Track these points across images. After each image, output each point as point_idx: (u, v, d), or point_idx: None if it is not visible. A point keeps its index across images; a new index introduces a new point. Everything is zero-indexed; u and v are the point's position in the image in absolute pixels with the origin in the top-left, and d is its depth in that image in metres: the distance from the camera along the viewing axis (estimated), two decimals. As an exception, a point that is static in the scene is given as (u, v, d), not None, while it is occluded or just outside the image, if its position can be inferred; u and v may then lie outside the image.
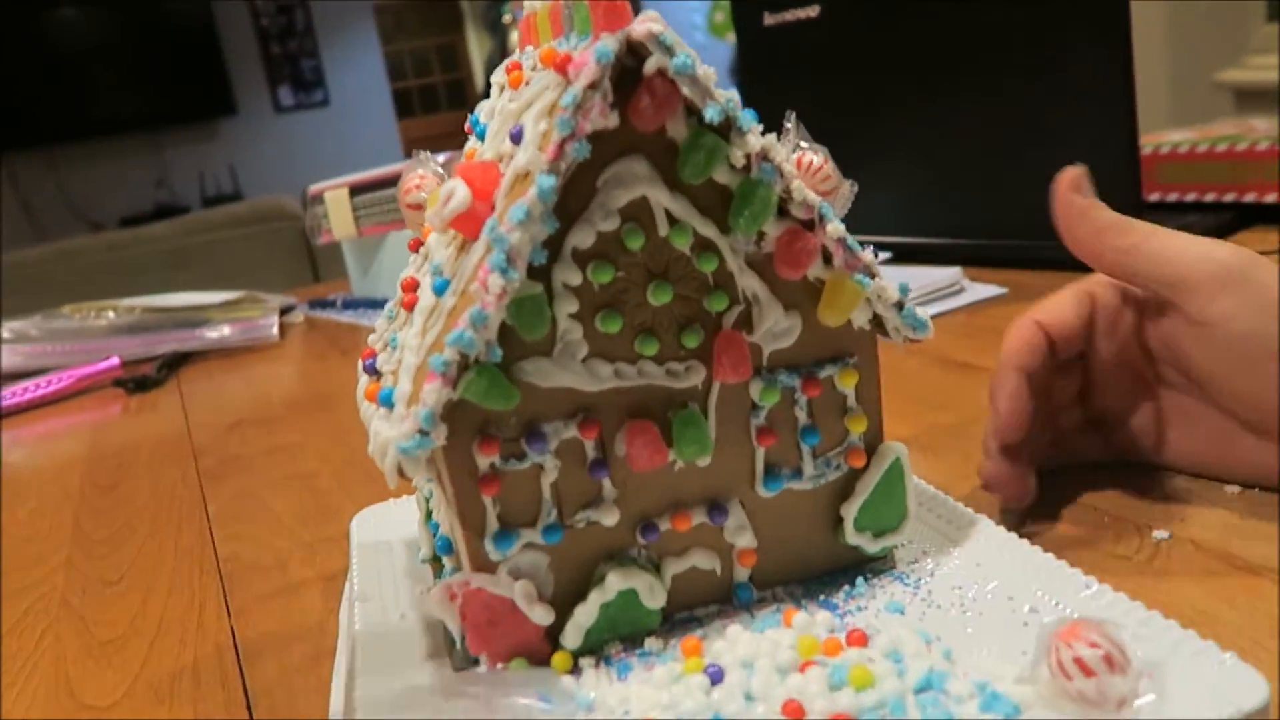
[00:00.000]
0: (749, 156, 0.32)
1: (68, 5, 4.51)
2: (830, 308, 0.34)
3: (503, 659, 0.33)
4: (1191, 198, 0.86)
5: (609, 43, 0.30)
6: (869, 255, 0.34)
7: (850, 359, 0.35)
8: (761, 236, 0.34)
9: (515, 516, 0.33)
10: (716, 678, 0.30)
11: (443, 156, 0.61)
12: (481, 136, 0.38)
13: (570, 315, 0.32)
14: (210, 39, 4.84)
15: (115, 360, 1.05)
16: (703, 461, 0.34)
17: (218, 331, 1.08)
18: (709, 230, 0.33)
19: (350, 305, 1.16)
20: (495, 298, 0.31)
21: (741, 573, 0.36)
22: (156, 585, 0.52)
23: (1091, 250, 0.40)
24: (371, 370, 0.39)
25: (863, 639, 0.31)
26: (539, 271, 0.32)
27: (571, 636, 0.33)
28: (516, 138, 0.33)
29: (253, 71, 5.02)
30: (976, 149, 0.85)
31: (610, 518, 0.34)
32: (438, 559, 0.40)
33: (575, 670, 0.33)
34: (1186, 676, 0.27)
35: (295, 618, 0.45)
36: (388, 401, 0.34)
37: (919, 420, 0.55)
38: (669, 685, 0.31)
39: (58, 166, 4.61)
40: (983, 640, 0.31)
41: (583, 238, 0.32)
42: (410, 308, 0.37)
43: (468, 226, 0.33)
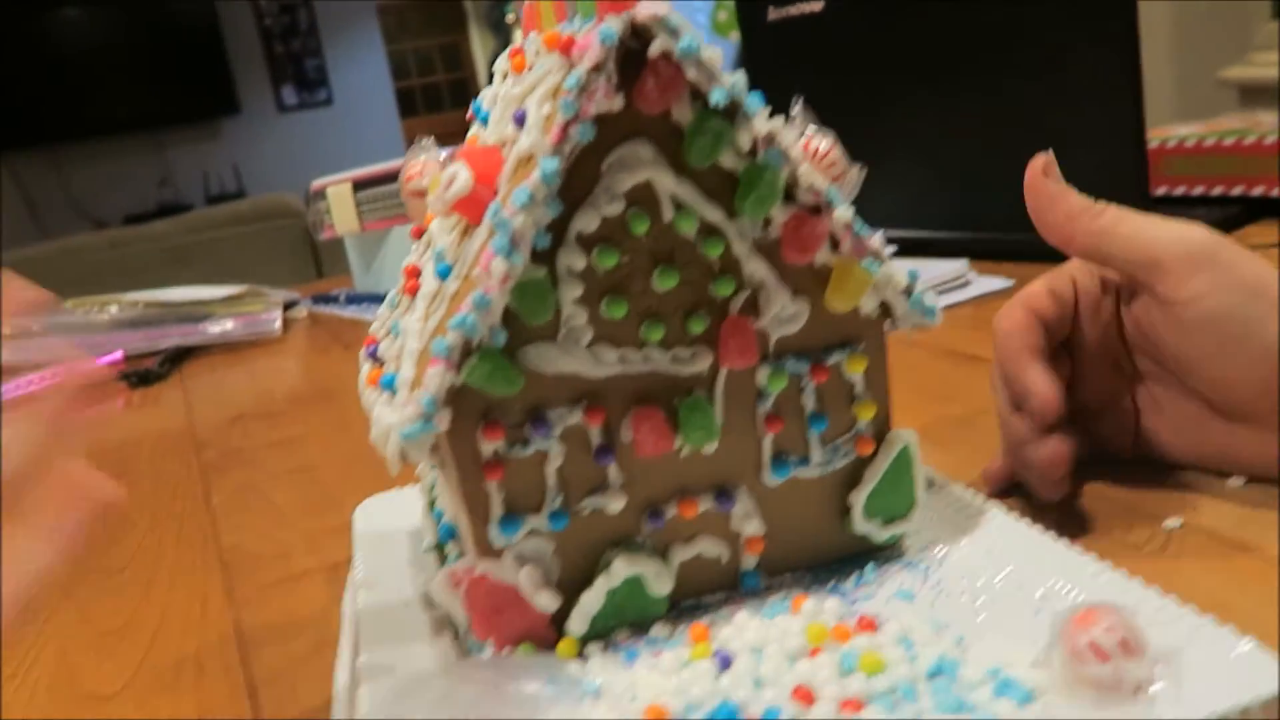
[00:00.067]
0: (755, 140, 0.32)
1: (72, 5, 4.52)
2: (838, 293, 0.34)
3: (508, 645, 0.33)
4: (1199, 191, 0.86)
5: (613, 24, 0.30)
6: (877, 241, 0.34)
7: (858, 345, 0.35)
8: (768, 222, 0.33)
9: (520, 502, 0.33)
10: (725, 663, 0.30)
11: (445, 153, 0.60)
12: (484, 123, 0.38)
13: (575, 300, 0.32)
14: (214, 38, 4.84)
15: (118, 355, 1.04)
16: (709, 448, 0.34)
17: (220, 326, 1.08)
18: (715, 215, 0.33)
19: (353, 300, 1.16)
20: (498, 282, 0.30)
21: (749, 560, 0.35)
22: (159, 576, 0.52)
23: (1064, 235, 0.40)
24: (373, 357, 0.38)
25: (872, 625, 0.31)
26: (543, 256, 0.31)
27: (577, 623, 0.33)
28: (520, 121, 0.32)
29: (256, 71, 5.02)
30: (983, 142, 0.85)
31: (616, 504, 0.34)
32: (441, 548, 0.40)
33: (582, 657, 0.33)
34: (1203, 663, 0.26)
35: (298, 607, 0.45)
36: (390, 387, 0.33)
37: (926, 412, 0.54)
38: (677, 671, 0.30)
39: (62, 165, 4.62)
40: (994, 627, 0.30)
41: (587, 222, 0.32)
42: (413, 294, 0.37)
43: (470, 211, 0.33)
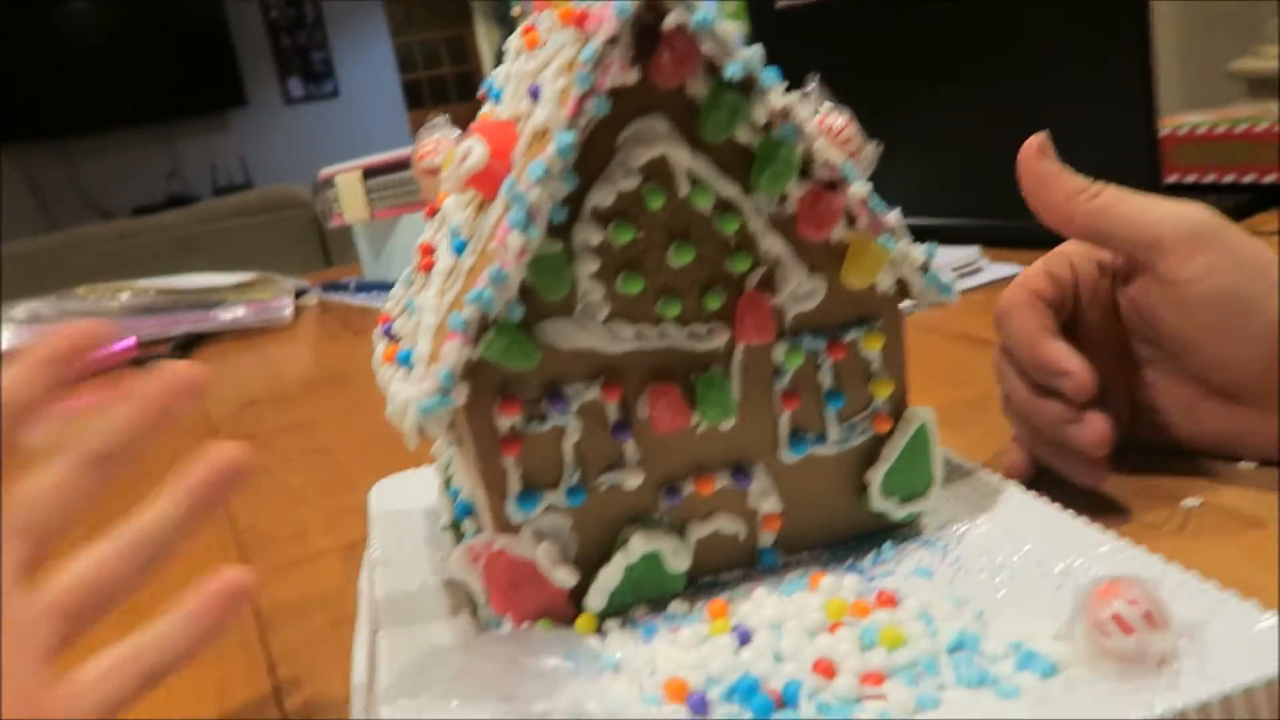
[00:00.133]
0: (771, 115, 0.32)
1: (79, -2, 4.53)
2: (854, 270, 0.34)
3: (526, 621, 0.33)
4: (1210, 179, 0.85)
5: (629, -3, 0.30)
6: (893, 217, 0.34)
7: (875, 322, 0.35)
8: (784, 197, 0.33)
9: (537, 478, 0.33)
10: (744, 638, 0.30)
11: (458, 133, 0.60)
12: (497, 100, 0.37)
13: (591, 275, 0.32)
14: (221, 31, 4.85)
15: (130, 341, 1.05)
16: (726, 425, 0.34)
17: (232, 313, 1.08)
18: (731, 190, 0.32)
19: (363, 288, 1.16)
20: (515, 256, 0.30)
21: (766, 537, 0.35)
22: (175, 557, 0.52)
23: (1062, 215, 0.40)
24: (389, 335, 0.38)
25: (892, 600, 0.31)
26: (559, 230, 0.31)
27: (595, 599, 0.33)
28: (535, 95, 0.32)
29: (263, 63, 5.02)
30: (994, 130, 0.84)
31: (633, 480, 0.33)
32: (457, 526, 0.40)
33: (600, 633, 0.33)
34: (1226, 637, 0.26)
35: (315, 586, 0.45)
36: (406, 362, 0.33)
37: (939, 395, 0.54)
38: (696, 646, 0.30)
39: (70, 157, 4.63)
40: (1015, 603, 0.30)
41: (603, 197, 0.32)
42: (428, 271, 0.37)
43: (485, 185, 0.32)
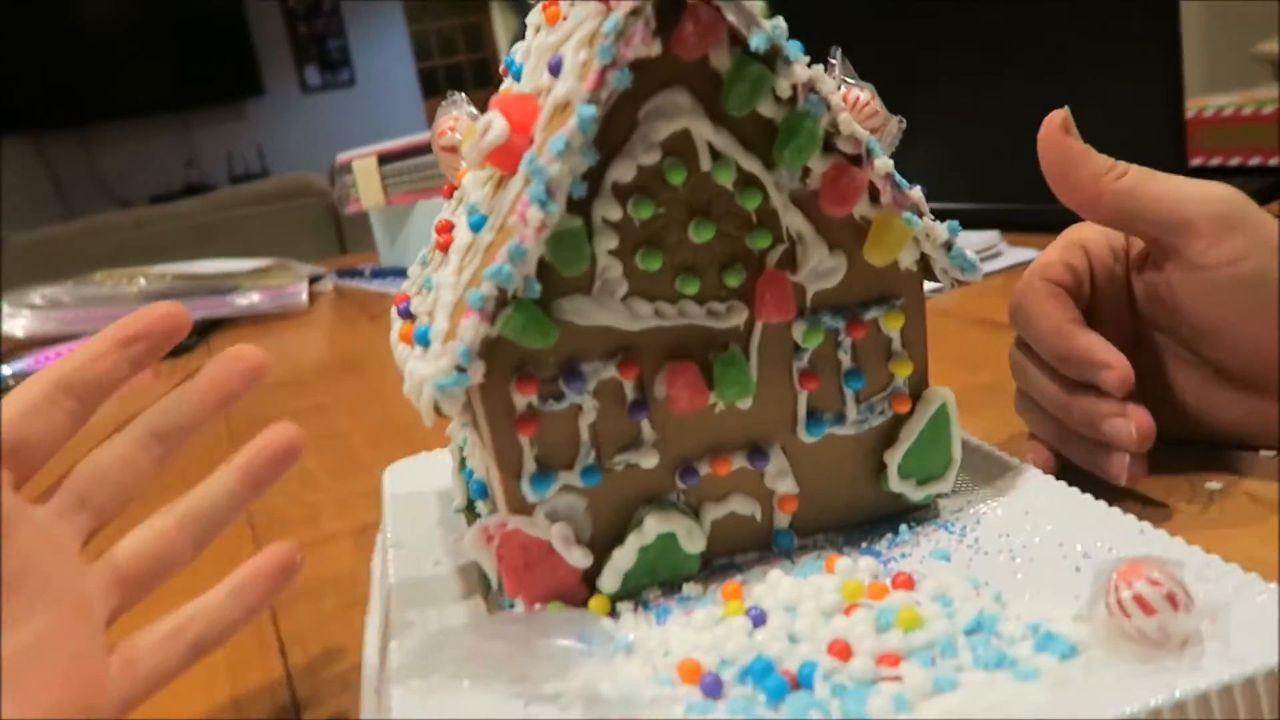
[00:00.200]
0: (795, 88, 0.31)
1: (99, -13, 4.54)
2: (877, 247, 0.33)
3: (539, 602, 0.33)
4: (1235, 162, 0.84)
5: (652, -32, 0.30)
6: (917, 193, 0.33)
7: (896, 301, 0.34)
8: (807, 172, 0.33)
9: (553, 458, 0.33)
10: (759, 620, 0.30)
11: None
12: (517, 77, 0.37)
13: (610, 252, 0.32)
14: (238, 20, 4.86)
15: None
16: (744, 404, 0.34)
17: (248, 298, 1.08)
18: (753, 165, 0.32)
19: (379, 274, 1.16)
20: (534, 231, 0.30)
21: (782, 519, 0.35)
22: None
23: (1088, 195, 0.38)
24: (406, 314, 0.38)
25: (909, 582, 0.30)
26: (578, 205, 0.31)
27: (609, 580, 0.33)
28: (555, 69, 0.32)
29: (280, 51, 5.03)
30: (1015, 113, 0.83)
31: (649, 460, 0.33)
32: (471, 509, 0.40)
33: (613, 614, 0.32)
34: (1250, 619, 0.26)
35: (327, 568, 0.45)
36: (423, 340, 0.33)
37: (957, 379, 0.53)
38: (710, 628, 0.30)
39: (89, 146, 4.65)
40: (1034, 585, 0.30)
41: (623, 172, 0.31)
42: (445, 249, 0.36)
43: (505, 160, 0.32)
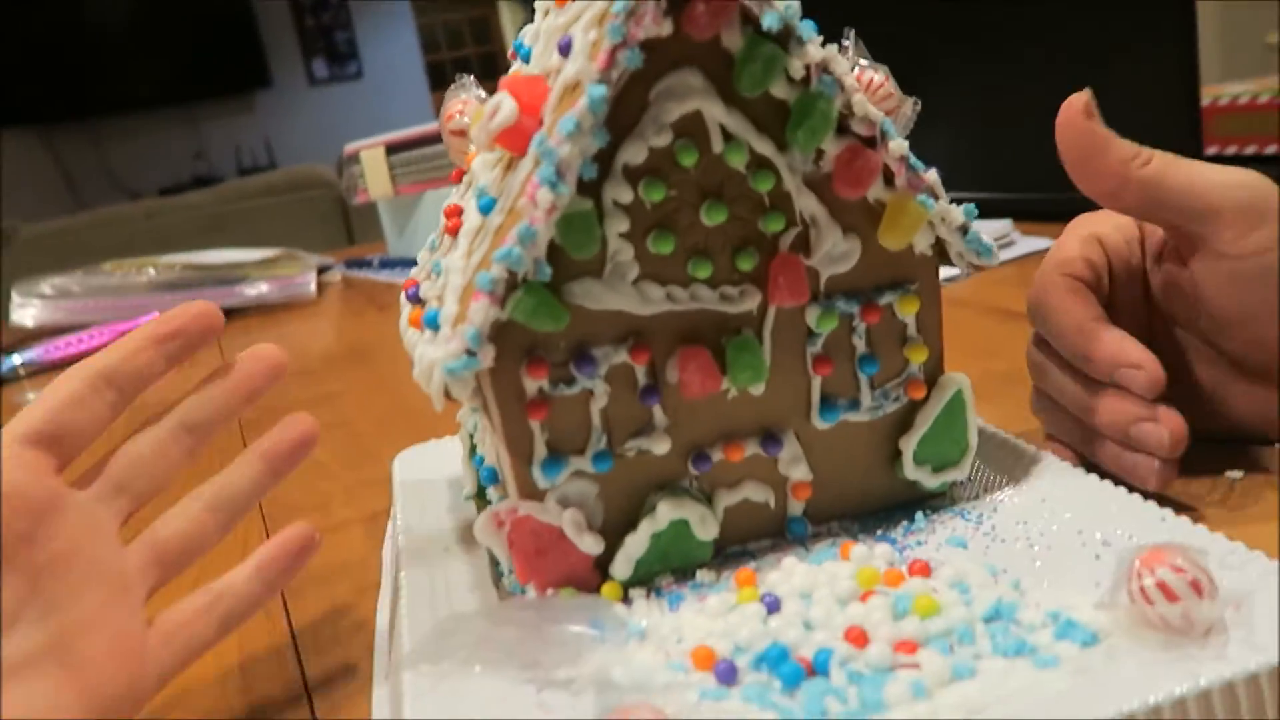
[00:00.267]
0: (808, 68, 0.31)
1: (107, -19, 4.54)
2: (891, 230, 0.33)
3: (551, 588, 0.32)
4: (1251, 150, 0.83)
5: (664, -54, 0.29)
6: (932, 175, 0.33)
7: (911, 285, 0.34)
8: (820, 155, 0.32)
9: (564, 443, 0.32)
10: (773, 607, 0.29)
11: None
12: (526, 60, 0.37)
13: (621, 235, 0.31)
14: (246, 13, 4.85)
15: (155, 316, 1.05)
16: (757, 390, 0.33)
17: (256, 289, 1.08)
18: (765, 147, 0.32)
19: (387, 265, 1.16)
20: (544, 213, 0.30)
21: (796, 506, 0.35)
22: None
23: (1114, 183, 0.36)
24: (415, 299, 0.38)
25: (926, 569, 0.30)
26: (589, 188, 0.31)
27: (621, 567, 0.33)
28: (565, 49, 0.31)
29: (287, 44, 5.03)
30: (1028, 102, 0.82)
31: (661, 446, 0.33)
32: (482, 495, 0.39)
33: (626, 601, 0.32)
34: (1275, 607, 0.25)
35: (338, 555, 0.45)
36: (433, 324, 0.33)
37: (971, 368, 0.52)
38: (724, 614, 0.30)
39: (98, 139, 4.66)
40: (1053, 573, 0.30)
41: (634, 153, 0.31)
42: (454, 234, 0.36)
43: (514, 142, 0.32)
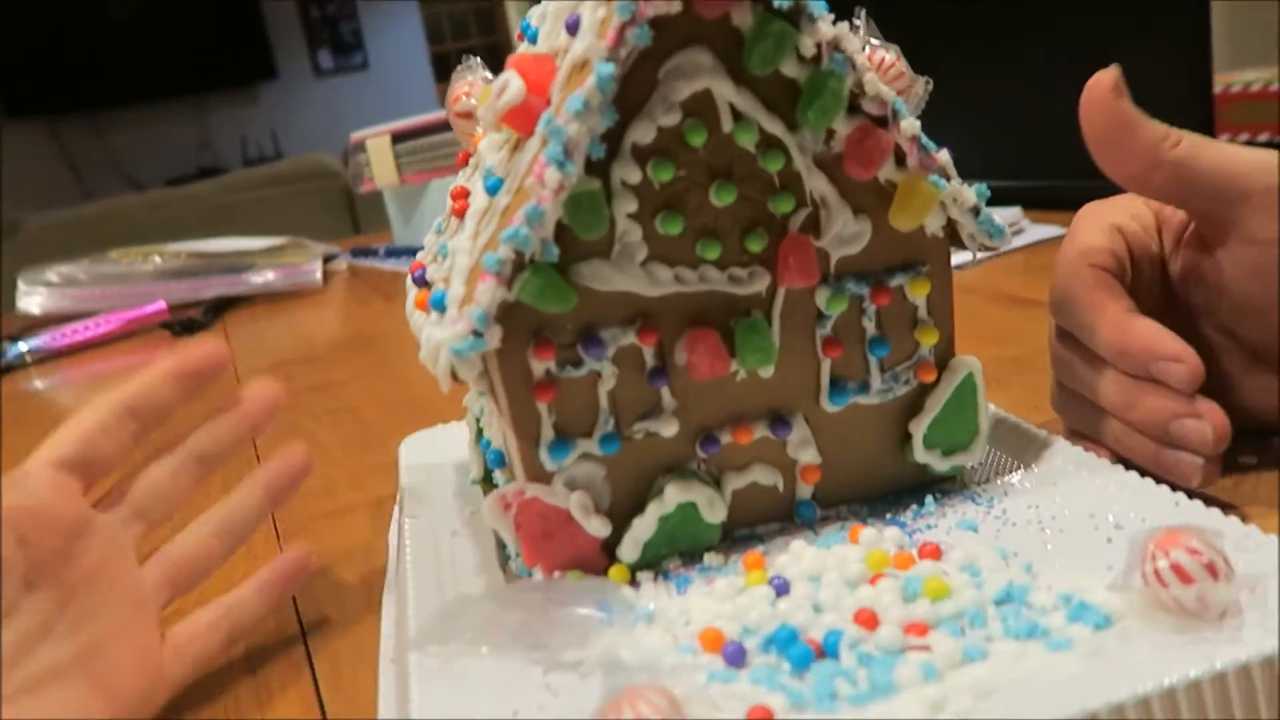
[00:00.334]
0: (819, 46, 0.30)
1: (113, -29, 4.54)
2: (903, 211, 0.33)
3: (558, 570, 0.32)
4: (1264, 138, 0.83)
5: (673, -78, 0.29)
6: (944, 156, 0.32)
7: (922, 267, 0.34)
8: (831, 134, 0.32)
9: (571, 426, 0.32)
10: (782, 590, 0.29)
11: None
12: (533, 40, 0.36)
13: (629, 215, 0.31)
14: (251, 3, 4.85)
15: (162, 304, 1.05)
16: (766, 372, 0.33)
17: (262, 277, 1.08)
18: (775, 127, 0.31)
19: (393, 254, 1.16)
20: (552, 192, 0.29)
21: (804, 490, 0.34)
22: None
23: (1144, 166, 0.35)
24: (421, 282, 0.38)
25: (936, 552, 0.30)
26: (597, 167, 0.30)
27: (629, 550, 0.32)
28: (573, 27, 0.31)
29: (293, 35, 5.02)
30: (1038, 89, 0.82)
31: (669, 429, 0.33)
32: (488, 479, 0.39)
33: (633, 583, 0.32)
34: (1291, 589, 0.25)
35: (343, 540, 0.45)
36: (439, 305, 0.32)
37: (981, 353, 0.52)
38: (732, 597, 0.30)
39: (103, 130, 4.66)
40: (1065, 556, 0.29)
41: (642, 133, 0.31)
42: (461, 215, 0.36)
43: (521, 122, 0.31)
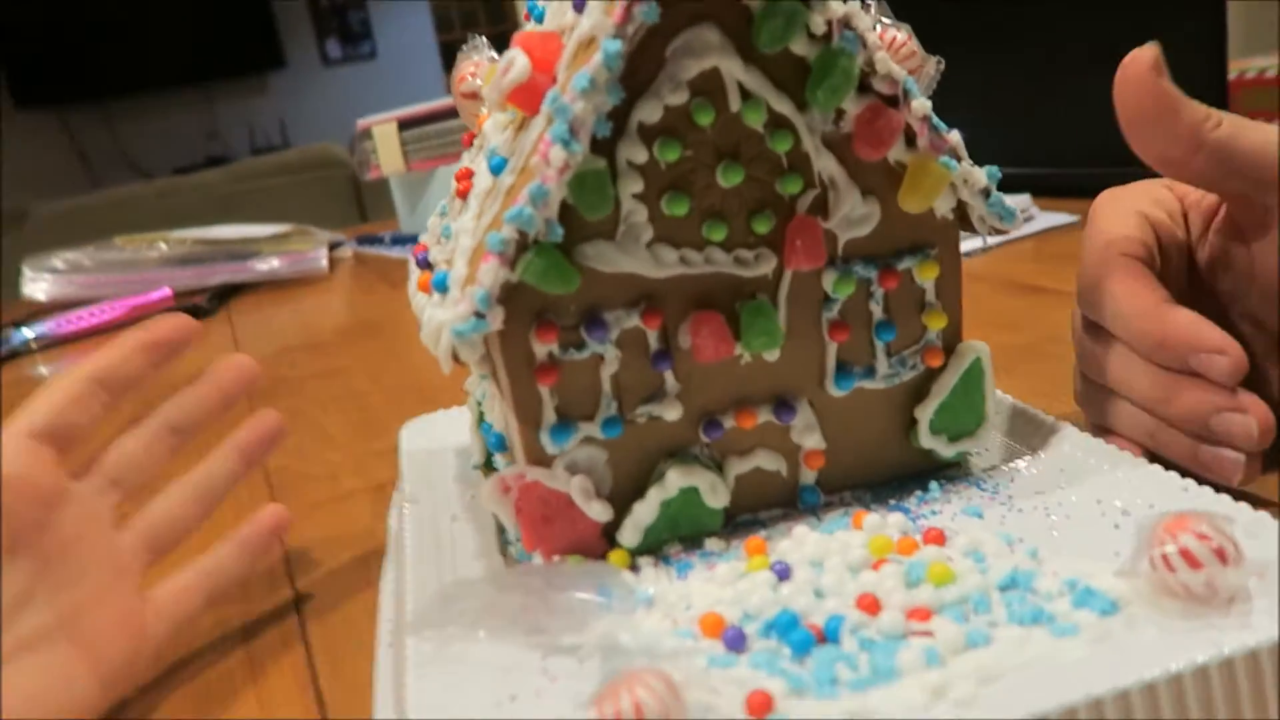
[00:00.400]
0: (830, 24, 0.30)
1: (122, -40, 4.54)
2: (912, 193, 0.32)
3: (558, 555, 0.32)
4: (1278, 124, 0.82)
5: (681, -103, 0.28)
6: (955, 136, 0.32)
7: (931, 250, 0.33)
8: (841, 114, 0.31)
9: (573, 409, 0.32)
10: (784, 575, 0.29)
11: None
12: (539, 20, 0.36)
13: (634, 196, 0.31)
14: (260, -9, 4.85)
15: (167, 291, 1.05)
16: (771, 356, 0.33)
17: (267, 264, 1.08)
18: (784, 106, 0.31)
19: (399, 241, 1.15)
20: (556, 171, 0.29)
21: (808, 475, 0.34)
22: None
23: (1186, 149, 0.34)
24: (424, 264, 0.37)
25: (940, 538, 0.29)
26: (602, 146, 0.30)
27: (630, 535, 0.32)
28: (580, 4, 0.31)
29: (301, 24, 5.01)
30: (1050, 74, 0.81)
31: (672, 413, 0.32)
32: (489, 464, 0.39)
33: (633, 568, 0.32)
34: (1301, 577, 0.25)
35: (344, 524, 0.45)
36: (442, 286, 0.32)
37: (989, 340, 0.52)
38: (733, 582, 0.29)
39: (112, 119, 4.67)
40: (1071, 542, 0.29)
41: (649, 112, 0.30)
42: (464, 196, 0.35)
43: (527, 100, 0.31)
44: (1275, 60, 0.85)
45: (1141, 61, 0.34)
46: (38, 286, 1.13)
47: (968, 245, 0.33)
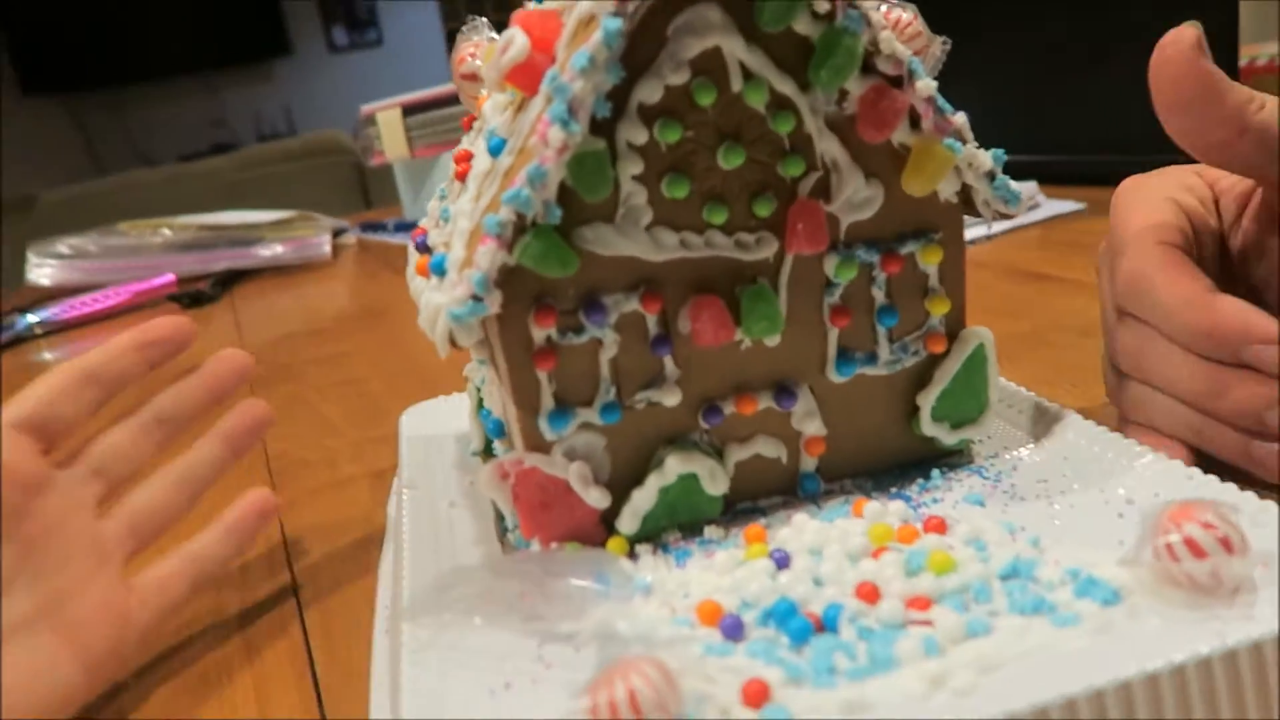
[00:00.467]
0: (833, 3, 0.29)
1: (129, -53, 4.53)
2: (916, 176, 0.32)
3: (556, 541, 0.32)
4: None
5: (683, -128, 0.28)
6: (961, 119, 0.31)
7: (934, 235, 0.33)
8: (844, 95, 0.31)
9: (571, 394, 0.31)
10: (783, 563, 0.29)
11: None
12: (541, 1, 0.35)
13: (634, 177, 0.30)
14: (266, -23, 4.84)
15: (171, 277, 1.05)
16: (771, 341, 0.32)
17: (271, 250, 1.08)
18: (786, 87, 0.30)
19: (402, 228, 1.15)
20: (555, 152, 0.28)
21: (808, 462, 0.34)
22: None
23: (1230, 132, 0.32)
24: (422, 247, 0.37)
25: (941, 526, 0.29)
26: (602, 127, 0.29)
27: (628, 522, 0.32)
28: (580, -16, 0.30)
29: (307, 11, 5.00)
30: (1059, 61, 0.80)
31: (672, 398, 0.32)
32: (488, 450, 0.39)
33: (631, 556, 0.31)
34: (1308, 567, 0.24)
35: (343, 510, 0.45)
36: (439, 270, 0.32)
37: (993, 328, 0.52)
38: (732, 570, 0.29)
39: (118, 107, 4.67)
40: (1073, 531, 0.28)
41: (649, 92, 0.30)
42: (463, 179, 0.35)
43: (526, 80, 0.31)
44: (1276, 48, 0.84)
45: (1183, 41, 0.32)
46: (42, 272, 1.13)
47: (972, 232, 0.33)
